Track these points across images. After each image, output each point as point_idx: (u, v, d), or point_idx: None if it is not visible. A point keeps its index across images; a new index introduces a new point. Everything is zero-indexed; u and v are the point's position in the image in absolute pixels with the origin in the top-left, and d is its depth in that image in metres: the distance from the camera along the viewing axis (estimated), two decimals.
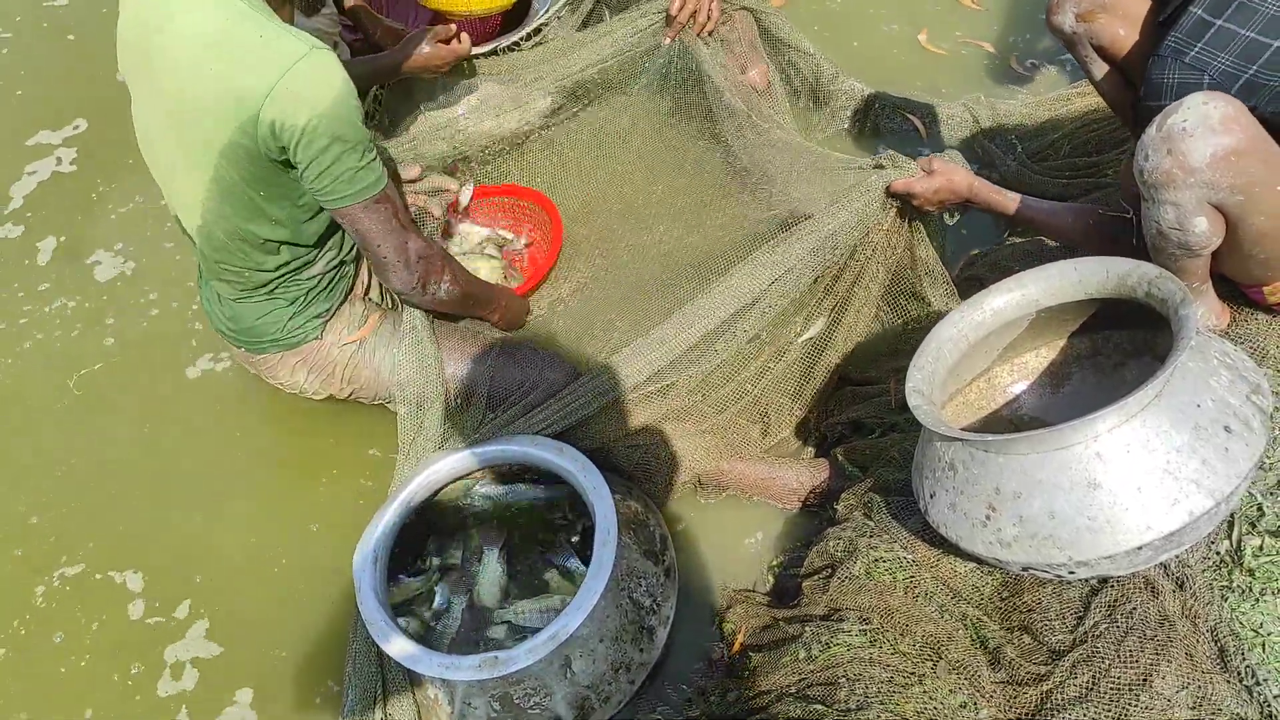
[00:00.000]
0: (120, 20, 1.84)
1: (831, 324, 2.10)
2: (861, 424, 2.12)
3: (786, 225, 2.11)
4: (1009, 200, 2.01)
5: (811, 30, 2.91)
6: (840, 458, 2.05)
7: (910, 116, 2.93)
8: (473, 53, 2.67)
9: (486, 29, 2.92)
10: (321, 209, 1.89)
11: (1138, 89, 2.05)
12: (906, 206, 2.05)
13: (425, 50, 2.40)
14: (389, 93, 2.66)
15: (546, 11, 2.78)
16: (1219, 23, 1.73)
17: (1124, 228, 1.86)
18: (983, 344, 1.76)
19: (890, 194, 2.02)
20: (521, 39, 2.75)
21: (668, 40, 2.62)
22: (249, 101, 1.67)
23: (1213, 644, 1.48)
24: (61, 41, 3.39)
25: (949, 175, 1.99)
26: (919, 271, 2.12)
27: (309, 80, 1.68)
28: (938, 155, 2.04)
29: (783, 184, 2.35)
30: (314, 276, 2.01)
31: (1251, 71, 1.70)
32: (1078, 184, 2.53)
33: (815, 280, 2.05)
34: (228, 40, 1.68)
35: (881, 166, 2.02)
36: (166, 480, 2.26)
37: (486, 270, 2.43)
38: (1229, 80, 1.71)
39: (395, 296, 2.15)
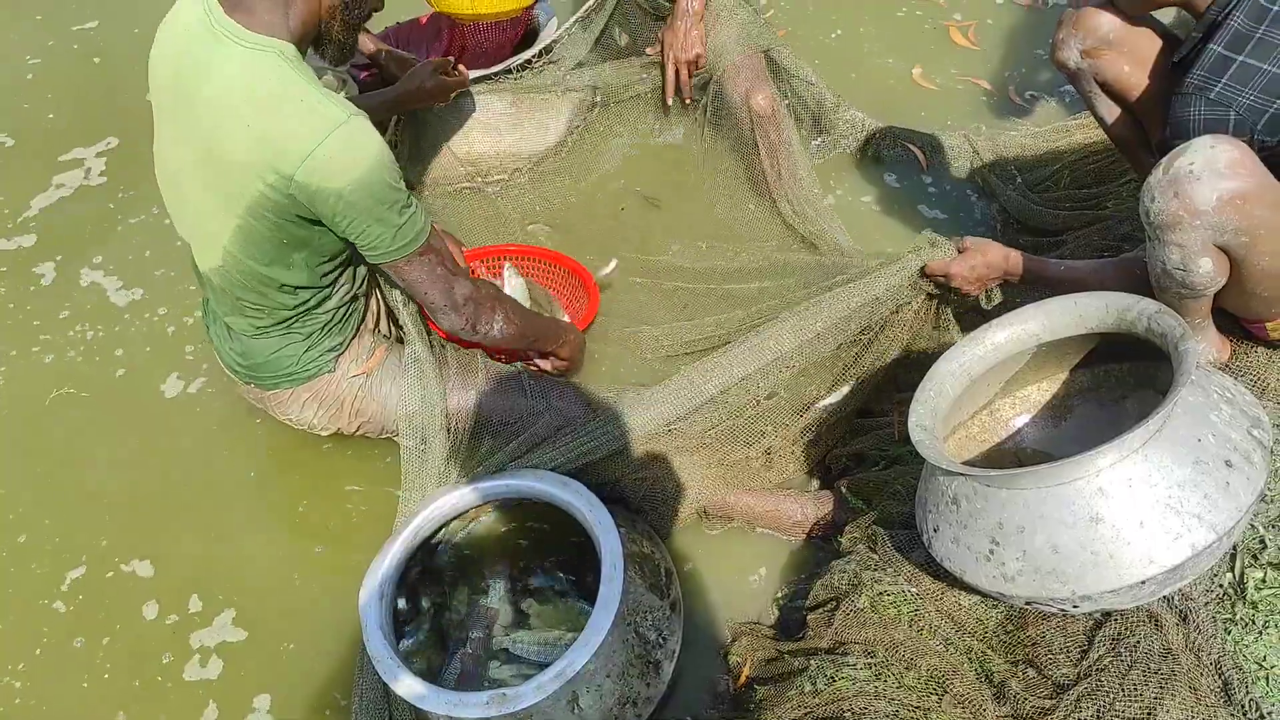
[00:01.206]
0: (155, 52, 1.85)
1: (852, 394, 2.12)
2: (865, 456, 2.13)
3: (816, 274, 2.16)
4: (1049, 267, 1.97)
5: (811, 63, 2.96)
6: (844, 490, 2.06)
7: (911, 146, 2.96)
8: (488, 72, 2.72)
9: (498, 51, 2.98)
10: (340, 251, 1.93)
11: (1143, 125, 2.08)
12: (942, 291, 2.04)
13: (427, 83, 2.45)
14: (406, 124, 2.71)
15: (558, 29, 2.83)
16: (1240, 58, 1.74)
17: None
18: (984, 378, 1.77)
19: (926, 275, 2.01)
20: (533, 58, 2.80)
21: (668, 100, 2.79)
22: (284, 163, 1.70)
23: (1217, 677, 1.48)
24: (88, 64, 3.51)
25: (983, 251, 1.96)
26: (938, 334, 2.14)
27: (345, 148, 1.71)
28: (970, 237, 2.02)
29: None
30: (329, 311, 2.03)
31: (1276, 106, 1.71)
32: (1079, 215, 2.55)
33: (838, 347, 2.07)
34: (272, 99, 1.70)
35: (921, 248, 2.01)
36: (171, 499, 2.29)
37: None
38: (1255, 115, 1.72)
39: (402, 329, 2.17)
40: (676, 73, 2.73)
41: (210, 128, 1.75)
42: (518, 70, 2.80)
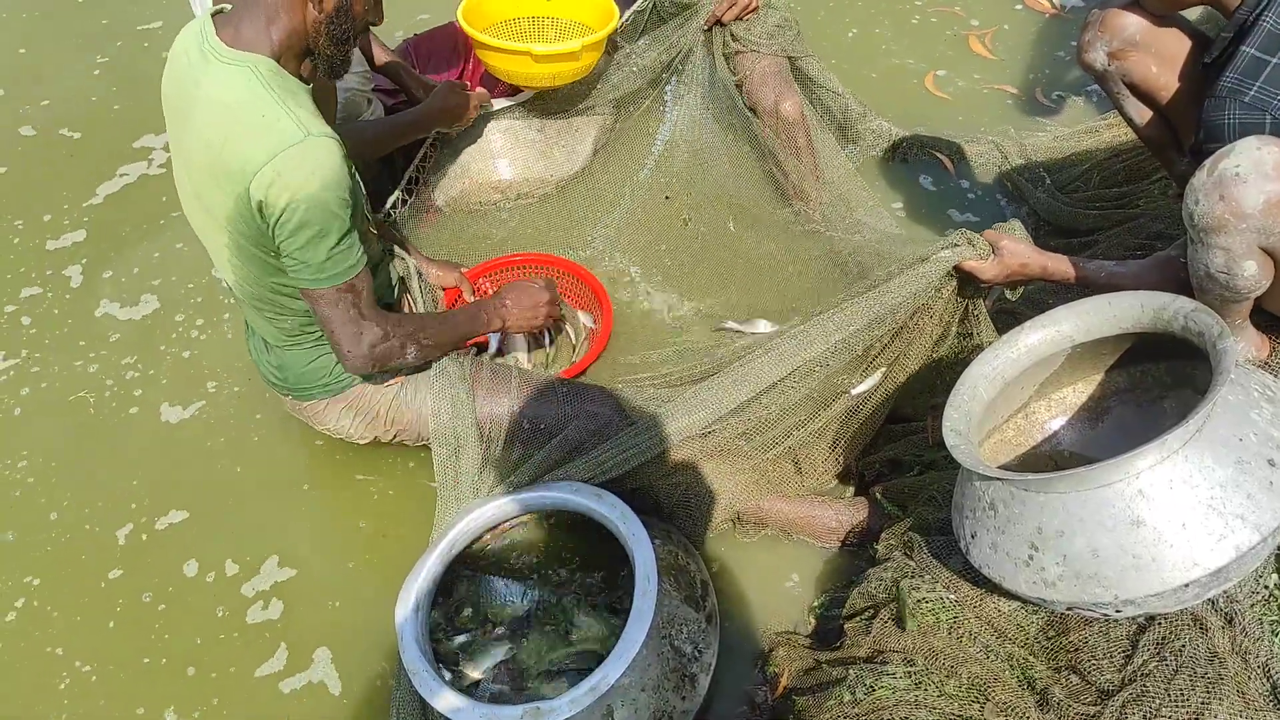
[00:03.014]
0: (164, 81, 1.90)
1: (884, 379, 2.08)
2: (899, 462, 2.12)
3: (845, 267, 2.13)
4: (1085, 269, 1.92)
5: (829, 62, 2.97)
6: (879, 496, 2.05)
7: (938, 154, 2.95)
8: (517, 100, 2.74)
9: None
10: None
11: (1171, 124, 2.05)
12: (968, 283, 2.00)
13: (449, 101, 2.46)
14: (437, 151, 2.74)
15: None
16: (1274, 60, 1.70)
17: None
18: (1018, 380, 1.75)
19: (956, 269, 1.96)
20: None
21: (706, 25, 2.69)
22: (241, 176, 1.72)
23: (1265, 680, 1.46)
24: (156, 59, 3.65)
25: (1020, 259, 1.91)
26: (968, 327, 2.10)
27: (295, 166, 1.71)
28: (1004, 229, 1.97)
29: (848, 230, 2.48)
30: None
31: None
32: (1109, 215, 2.53)
33: (870, 344, 2.05)
34: (234, 115, 1.73)
35: (956, 245, 1.95)
36: (195, 488, 2.37)
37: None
38: None
39: None
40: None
41: (193, 147, 1.79)
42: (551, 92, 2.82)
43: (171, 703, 1.99)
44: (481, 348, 2.45)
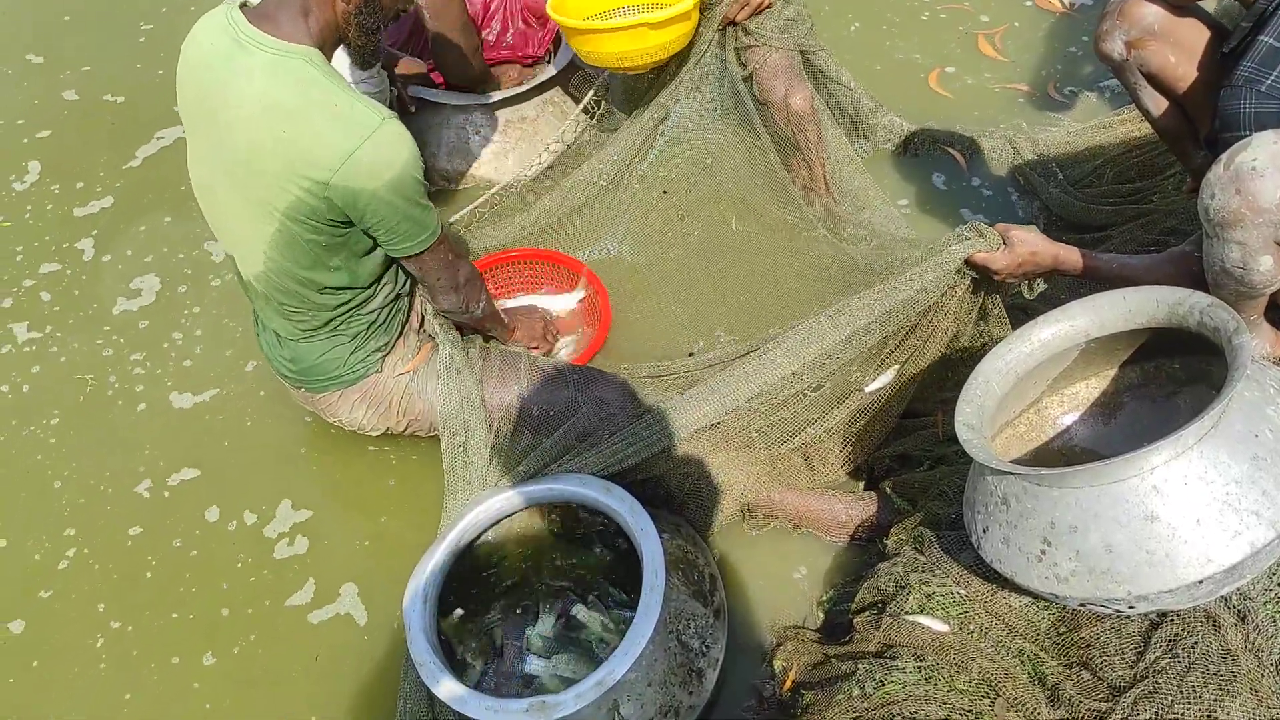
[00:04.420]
0: (181, 64, 1.89)
1: (897, 377, 2.08)
2: (909, 457, 2.11)
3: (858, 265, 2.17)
4: (1097, 261, 1.91)
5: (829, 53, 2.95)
6: (889, 491, 2.04)
7: (949, 150, 2.93)
8: (519, 89, 2.79)
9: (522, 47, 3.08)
10: (373, 250, 1.96)
11: (1188, 116, 2.04)
12: (984, 279, 1.99)
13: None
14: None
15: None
16: None
17: None
18: (1031, 375, 1.74)
19: (969, 264, 1.95)
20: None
21: (720, 26, 2.66)
22: (320, 168, 1.73)
23: (1277, 678, 1.45)
24: None
25: (1031, 248, 1.89)
26: (986, 327, 2.09)
27: (381, 152, 1.75)
28: (1017, 225, 1.95)
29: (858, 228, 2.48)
30: (373, 311, 2.06)
31: None
32: (1122, 210, 2.51)
33: (884, 339, 2.04)
34: (302, 106, 1.73)
35: (967, 238, 1.94)
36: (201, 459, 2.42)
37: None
38: None
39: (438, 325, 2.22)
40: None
41: (242, 136, 1.77)
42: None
43: (209, 647, 2.06)
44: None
